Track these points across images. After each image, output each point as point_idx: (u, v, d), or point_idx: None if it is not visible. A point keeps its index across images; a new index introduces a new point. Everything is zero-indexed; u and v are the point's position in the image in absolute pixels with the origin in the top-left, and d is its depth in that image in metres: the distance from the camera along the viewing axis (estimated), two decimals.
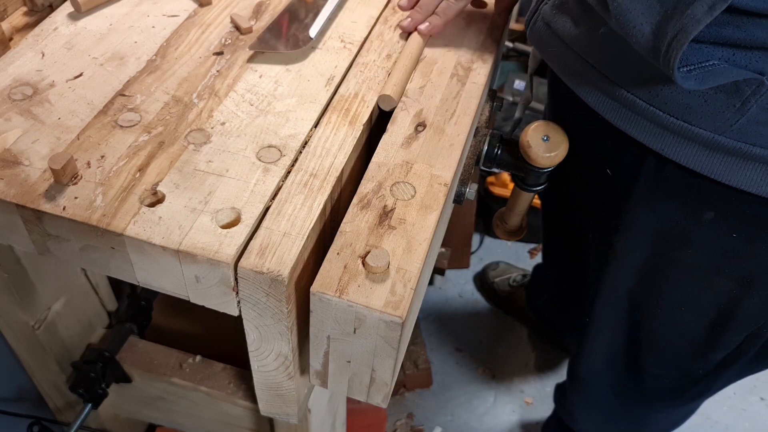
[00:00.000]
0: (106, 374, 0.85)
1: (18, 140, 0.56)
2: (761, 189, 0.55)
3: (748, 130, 0.52)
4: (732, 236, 0.61)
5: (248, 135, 0.59)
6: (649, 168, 0.61)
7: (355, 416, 1.13)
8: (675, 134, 0.56)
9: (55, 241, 0.54)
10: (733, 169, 0.55)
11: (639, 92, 0.56)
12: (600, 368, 0.89)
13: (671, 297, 0.70)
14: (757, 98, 0.50)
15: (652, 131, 0.57)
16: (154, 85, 0.63)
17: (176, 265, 0.50)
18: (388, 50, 0.70)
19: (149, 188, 0.53)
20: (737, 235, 0.60)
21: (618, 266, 0.72)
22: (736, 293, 0.65)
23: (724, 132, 0.53)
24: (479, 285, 1.58)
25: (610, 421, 1.01)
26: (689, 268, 0.66)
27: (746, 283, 0.64)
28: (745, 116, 0.52)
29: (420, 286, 0.52)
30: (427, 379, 1.40)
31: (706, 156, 0.55)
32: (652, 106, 0.56)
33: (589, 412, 1.03)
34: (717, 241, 0.62)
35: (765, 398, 1.45)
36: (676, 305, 0.71)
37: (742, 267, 0.63)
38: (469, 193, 0.68)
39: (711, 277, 0.65)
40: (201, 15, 0.72)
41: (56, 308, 0.81)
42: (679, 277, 0.68)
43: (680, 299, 0.70)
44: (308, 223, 0.52)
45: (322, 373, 0.57)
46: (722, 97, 0.52)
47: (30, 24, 0.71)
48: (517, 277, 1.52)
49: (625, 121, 0.59)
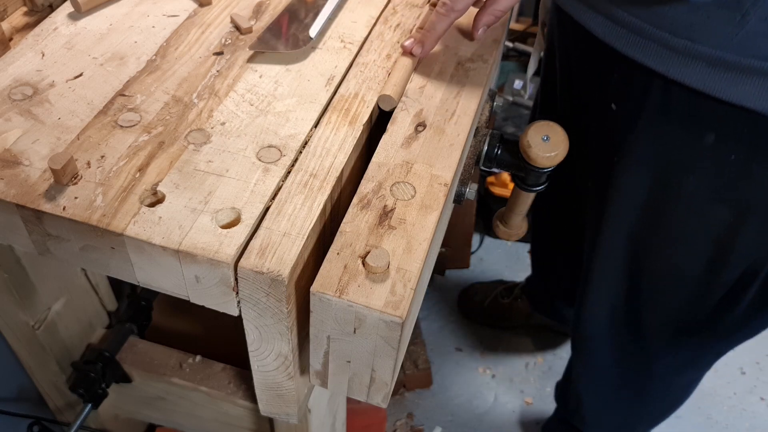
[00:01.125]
0: (106, 374, 0.85)
1: (18, 140, 0.56)
2: (759, 104, 0.58)
3: (748, 43, 0.56)
4: (731, 158, 0.64)
5: (248, 135, 0.59)
6: (655, 95, 0.65)
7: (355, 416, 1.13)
8: (680, 54, 0.59)
9: (55, 241, 0.54)
10: (734, 85, 0.58)
11: (645, 15, 0.60)
12: (602, 325, 0.90)
13: (671, 234, 0.73)
14: (755, 9, 0.54)
15: (658, 54, 0.61)
16: (154, 85, 0.63)
17: (176, 265, 0.50)
18: (388, 50, 0.70)
19: (149, 188, 0.53)
20: (735, 157, 0.64)
21: (619, 205, 0.75)
22: (733, 223, 0.69)
23: (726, 47, 0.57)
24: (466, 314, 1.54)
25: (612, 398, 1.01)
26: (689, 198, 0.69)
27: (743, 210, 0.67)
28: (745, 29, 0.55)
29: (420, 286, 0.52)
30: (427, 379, 1.40)
31: (708, 74, 0.59)
32: (658, 29, 0.59)
33: (591, 386, 1.03)
34: (717, 164, 0.65)
35: (765, 398, 1.45)
36: (675, 243, 0.74)
37: (740, 193, 0.67)
38: (469, 193, 0.68)
39: (710, 206, 0.69)
40: (201, 15, 0.72)
41: (56, 308, 0.81)
42: (679, 210, 0.71)
43: (679, 235, 0.73)
44: (308, 223, 0.52)
45: (322, 373, 0.57)
46: (724, 12, 0.55)
47: (30, 24, 0.71)
48: (502, 291, 1.51)
49: (632, 47, 0.62)
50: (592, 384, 1.04)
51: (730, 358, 1.51)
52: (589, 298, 0.88)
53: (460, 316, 1.54)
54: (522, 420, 1.39)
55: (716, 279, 0.75)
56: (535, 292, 1.42)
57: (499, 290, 1.50)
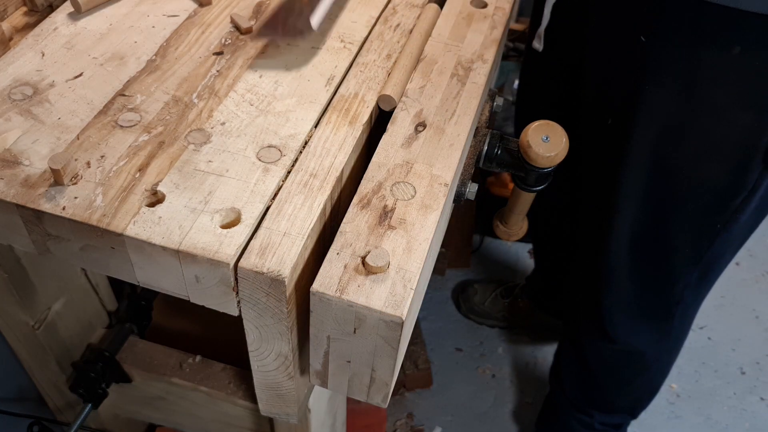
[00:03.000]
0: (106, 374, 0.85)
1: (18, 140, 0.56)
2: None
3: None
4: (755, 65, 0.69)
5: (248, 135, 0.59)
6: (687, 15, 0.69)
7: (355, 416, 1.13)
8: None
9: (55, 241, 0.54)
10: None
11: None
12: (623, 255, 0.92)
13: (697, 146, 0.76)
14: None
15: None
16: (154, 85, 0.63)
17: (176, 265, 0.50)
18: (388, 50, 0.70)
19: (149, 188, 0.53)
20: (759, 64, 0.69)
21: (646, 126, 0.78)
22: (756, 127, 0.73)
23: None
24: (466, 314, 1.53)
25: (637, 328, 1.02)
26: (716, 109, 0.73)
27: (765, 112, 0.72)
28: None
29: (420, 286, 0.52)
30: (427, 379, 1.40)
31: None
32: None
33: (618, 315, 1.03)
34: (742, 74, 0.70)
35: (765, 398, 1.45)
36: (702, 155, 0.77)
37: (762, 97, 0.71)
38: (469, 193, 0.68)
39: (735, 114, 0.73)
40: (201, 15, 0.72)
41: (56, 308, 0.81)
42: (707, 121, 0.74)
43: (707, 146, 0.76)
44: (308, 223, 0.52)
45: (322, 373, 0.57)
46: None
47: (30, 24, 0.71)
48: (502, 291, 1.51)
49: None
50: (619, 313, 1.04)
51: (730, 358, 1.51)
52: (613, 233, 0.90)
53: (460, 316, 1.54)
54: (522, 420, 1.39)
55: (742, 183, 0.79)
56: (537, 290, 1.42)
57: (499, 290, 1.50)
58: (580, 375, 1.16)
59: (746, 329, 1.57)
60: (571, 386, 1.19)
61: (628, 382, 1.12)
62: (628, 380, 1.12)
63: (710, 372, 1.49)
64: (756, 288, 1.65)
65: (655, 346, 1.06)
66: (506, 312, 1.49)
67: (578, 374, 1.16)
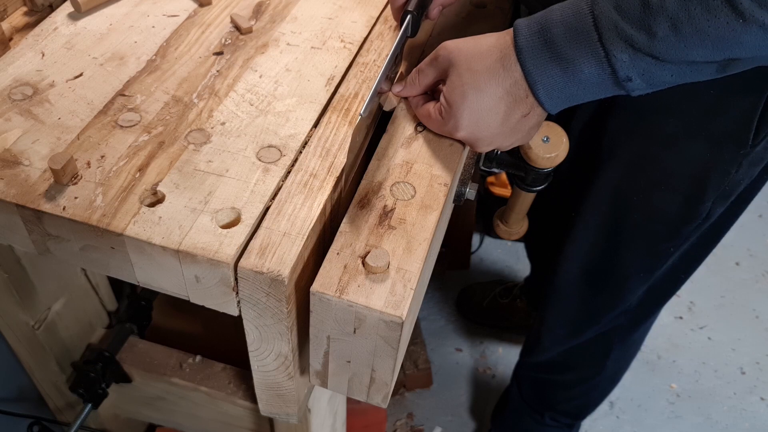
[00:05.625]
0: (106, 374, 0.85)
1: (18, 140, 0.56)
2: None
3: None
4: (710, 93, 0.67)
5: (248, 135, 0.59)
6: None
7: (355, 416, 1.13)
8: None
9: (55, 241, 0.54)
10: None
11: None
12: (572, 279, 0.94)
13: (652, 177, 0.76)
14: None
15: None
16: (154, 85, 0.63)
17: (176, 265, 0.50)
18: (388, 50, 0.70)
19: (149, 188, 0.53)
20: (714, 92, 0.66)
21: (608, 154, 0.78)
22: (709, 157, 0.72)
23: None
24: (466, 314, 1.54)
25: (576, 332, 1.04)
26: (669, 139, 0.72)
27: (717, 143, 0.70)
28: None
29: (420, 286, 0.52)
30: (427, 379, 1.40)
31: None
32: None
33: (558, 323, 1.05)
34: (696, 103, 0.68)
35: (765, 398, 1.45)
36: (656, 185, 0.77)
37: (715, 126, 0.69)
38: (469, 193, 0.68)
39: (688, 144, 0.72)
40: (201, 15, 0.72)
41: (56, 308, 0.81)
42: (661, 152, 0.74)
43: (660, 177, 0.76)
44: (308, 223, 0.52)
45: (322, 373, 0.57)
46: None
47: (30, 24, 0.71)
48: (501, 291, 1.51)
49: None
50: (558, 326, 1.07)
51: (731, 358, 1.51)
52: (567, 256, 0.91)
53: (460, 316, 1.54)
54: None
55: (694, 213, 0.78)
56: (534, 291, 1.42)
57: (498, 290, 1.50)
58: (529, 374, 1.19)
59: (746, 329, 1.57)
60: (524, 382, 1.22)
61: (567, 387, 1.15)
62: (567, 386, 1.14)
63: (710, 372, 1.49)
64: (756, 288, 1.65)
65: (590, 363, 1.08)
66: (506, 312, 1.49)
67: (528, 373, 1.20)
